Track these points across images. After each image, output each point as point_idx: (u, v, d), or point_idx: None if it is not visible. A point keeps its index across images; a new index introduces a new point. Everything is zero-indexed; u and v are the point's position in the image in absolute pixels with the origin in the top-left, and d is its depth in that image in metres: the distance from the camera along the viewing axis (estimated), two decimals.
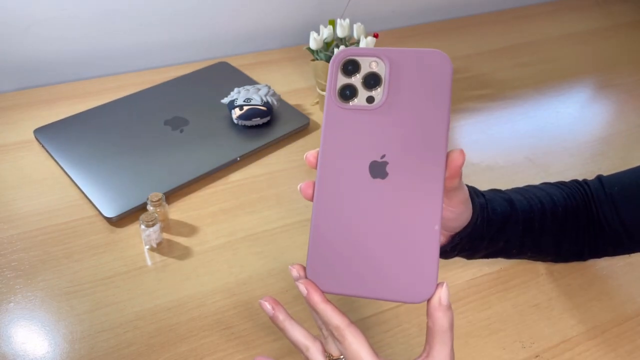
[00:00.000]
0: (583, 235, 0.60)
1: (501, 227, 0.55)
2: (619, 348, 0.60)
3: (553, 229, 0.59)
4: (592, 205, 0.60)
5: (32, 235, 0.69)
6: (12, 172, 0.78)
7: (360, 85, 0.40)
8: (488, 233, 0.53)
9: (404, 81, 0.39)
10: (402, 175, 0.38)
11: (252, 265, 0.67)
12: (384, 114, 0.39)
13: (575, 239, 0.61)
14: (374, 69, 0.40)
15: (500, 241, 0.56)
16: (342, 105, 0.40)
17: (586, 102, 1.02)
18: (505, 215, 0.55)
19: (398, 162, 0.38)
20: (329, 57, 0.86)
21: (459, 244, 0.51)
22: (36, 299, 0.62)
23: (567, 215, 0.59)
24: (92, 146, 0.81)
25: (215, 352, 0.58)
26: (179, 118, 0.87)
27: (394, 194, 0.38)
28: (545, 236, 0.59)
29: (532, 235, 0.58)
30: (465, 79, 1.06)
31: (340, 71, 0.40)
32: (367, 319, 0.62)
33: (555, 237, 0.60)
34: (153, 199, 0.68)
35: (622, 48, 1.20)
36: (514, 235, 0.56)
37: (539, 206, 0.58)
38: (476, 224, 0.51)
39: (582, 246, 0.62)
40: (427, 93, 0.38)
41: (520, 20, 1.29)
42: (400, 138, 0.38)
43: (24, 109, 0.90)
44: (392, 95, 0.39)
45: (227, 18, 1.07)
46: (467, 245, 0.52)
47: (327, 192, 0.39)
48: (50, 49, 0.96)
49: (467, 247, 0.53)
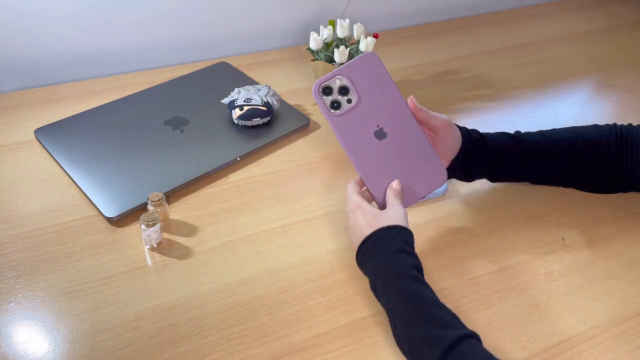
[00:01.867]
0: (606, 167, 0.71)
1: (498, 149, 0.70)
2: (619, 348, 0.60)
3: (572, 158, 0.71)
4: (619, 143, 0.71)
5: (32, 235, 0.69)
6: (12, 172, 0.78)
7: (338, 97, 0.62)
8: (482, 151, 0.69)
9: (361, 81, 0.62)
10: (394, 128, 0.63)
11: (252, 265, 0.67)
12: (362, 104, 0.62)
13: (596, 170, 0.72)
14: (340, 84, 0.62)
15: (498, 160, 0.71)
16: (337, 113, 0.62)
17: (586, 102, 1.02)
18: (502, 140, 0.70)
19: (387, 124, 0.63)
20: (329, 57, 0.86)
21: (457, 163, 0.68)
22: (36, 299, 0.62)
23: (590, 146, 0.71)
24: (93, 146, 0.81)
25: (215, 352, 0.58)
26: (179, 118, 0.87)
27: (395, 139, 0.63)
28: (561, 163, 0.72)
29: (545, 161, 0.72)
30: (465, 79, 1.06)
31: (322, 95, 0.62)
32: (367, 319, 0.62)
33: (573, 165, 0.72)
34: (153, 199, 0.68)
35: (622, 48, 1.20)
36: (518, 157, 0.71)
37: (556, 139, 0.71)
38: (467, 145, 0.67)
39: (601, 177, 0.73)
40: (377, 80, 0.62)
41: (520, 20, 1.29)
42: (379, 111, 0.62)
43: (24, 109, 0.90)
44: (359, 92, 0.62)
45: (227, 18, 1.07)
46: (465, 163, 0.69)
47: (361, 159, 0.63)
48: (50, 49, 0.96)
49: (466, 164, 0.69)
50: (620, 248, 0.72)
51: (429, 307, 0.54)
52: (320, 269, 0.67)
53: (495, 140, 0.71)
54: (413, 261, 0.57)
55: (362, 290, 0.65)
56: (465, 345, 0.50)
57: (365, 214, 0.60)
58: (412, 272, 0.56)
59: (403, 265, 0.56)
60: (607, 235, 0.73)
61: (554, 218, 0.75)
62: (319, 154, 0.84)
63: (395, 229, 0.58)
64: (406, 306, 0.54)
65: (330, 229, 0.72)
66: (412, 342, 0.53)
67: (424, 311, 0.53)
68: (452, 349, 0.49)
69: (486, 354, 0.50)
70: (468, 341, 0.51)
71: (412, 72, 1.06)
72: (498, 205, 0.77)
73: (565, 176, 0.75)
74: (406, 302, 0.54)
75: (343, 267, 0.68)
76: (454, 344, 0.50)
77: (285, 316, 0.62)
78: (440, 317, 0.53)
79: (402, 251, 0.57)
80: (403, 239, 0.58)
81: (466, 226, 0.73)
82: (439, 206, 0.76)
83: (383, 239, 0.58)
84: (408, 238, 0.59)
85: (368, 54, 0.62)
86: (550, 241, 0.72)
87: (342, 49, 0.83)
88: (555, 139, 0.72)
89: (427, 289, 0.56)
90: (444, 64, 1.10)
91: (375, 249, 0.58)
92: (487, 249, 0.71)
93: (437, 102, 0.98)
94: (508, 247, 0.71)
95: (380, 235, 0.58)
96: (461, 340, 0.50)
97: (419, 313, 0.53)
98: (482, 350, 0.51)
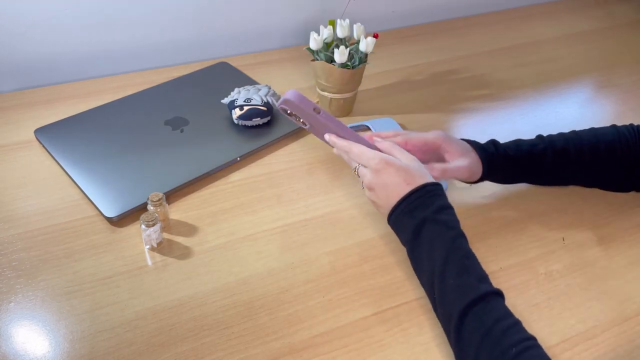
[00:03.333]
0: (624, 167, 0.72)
1: (522, 160, 0.71)
2: (619, 348, 0.60)
3: (592, 160, 0.72)
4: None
5: (32, 235, 0.69)
6: (12, 172, 0.78)
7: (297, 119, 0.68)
8: (506, 169, 0.71)
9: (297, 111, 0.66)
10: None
11: (252, 265, 0.67)
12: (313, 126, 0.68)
13: (616, 170, 0.73)
14: (289, 111, 0.66)
15: (522, 173, 0.73)
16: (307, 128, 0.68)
17: (586, 102, 1.02)
18: (523, 151, 0.72)
19: None
20: (329, 57, 0.86)
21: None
22: (37, 299, 0.62)
23: (610, 148, 0.71)
24: (93, 146, 0.81)
25: (215, 352, 0.58)
26: (179, 118, 0.87)
27: None
28: (583, 166, 0.72)
29: (567, 165, 0.72)
30: (465, 79, 1.06)
31: (286, 114, 0.67)
32: (367, 319, 0.62)
33: (594, 168, 0.72)
34: (153, 199, 0.68)
35: (622, 48, 1.20)
36: (541, 164, 0.72)
37: (576, 141, 0.72)
38: (489, 167, 0.70)
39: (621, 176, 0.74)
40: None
41: (520, 20, 1.29)
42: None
43: (24, 109, 0.90)
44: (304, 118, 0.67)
45: (227, 18, 1.07)
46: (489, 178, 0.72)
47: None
48: (50, 49, 0.96)
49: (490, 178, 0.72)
50: (620, 248, 0.72)
51: (470, 260, 0.58)
52: (320, 269, 0.67)
53: (514, 149, 0.72)
54: (456, 218, 0.62)
55: (363, 290, 0.65)
56: (493, 299, 0.55)
57: (399, 170, 0.62)
58: (458, 227, 0.61)
59: (452, 220, 0.61)
60: (607, 235, 0.73)
61: (554, 218, 0.75)
62: (319, 154, 0.84)
63: (438, 186, 0.62)
64: (450, 256, 0.58)
65: (330, 229, 0.72)
66: (446, 288, 0.56)
67: (465, 264, 0.57)
68: (481, 300, 0.54)
69: (507, 310, 0.55)
70: (495, 297, 0.56)
71: (412, 72, 1.06)
72: (498, 205, 0.77)
73: (587, 179, 0.76)
74: (451, 253, 0.58)
75: (343, 267, 0.68)
76: (485, 295, 0.54)
77: (285, 316, 0.62)
78: (477, 272, 0.57)
79: (448, 207, 0.62)
80: (445, 196, 0.63)
81: (466, 226, 0.73)
82: None
83: (432, 193, 0.61)
84: (446, 195, 0.64)
85: (288, 92, 0.65)
86: (550, 241, 0.72)
87: (342, 49, 0.83)
88: (575, 139, 0.72)
89: (468, 245, 0.60)
90: (444, 64, 1.10)
91: (424, 201, 0.61)
92: (487, 249, 0.71)
93: (437, 102, 0.98)
94: (508, 247, 0.71)
95: (428, 189, 0.62)
96: (489, 295, 0.55)
97: (461, 264, 0.57)
98: (505, 307, 0.56)
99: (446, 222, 0.60)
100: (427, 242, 0.59)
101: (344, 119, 0.92)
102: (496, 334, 0.52)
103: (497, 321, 0.53)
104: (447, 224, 0.60)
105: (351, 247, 0.70)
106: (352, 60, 0.86)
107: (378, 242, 0.71)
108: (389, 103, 0.97)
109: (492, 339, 0.52)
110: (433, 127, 0.91)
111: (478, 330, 0.53)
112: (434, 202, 0.61)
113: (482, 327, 0.52)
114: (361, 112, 0.94)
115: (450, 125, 0.93)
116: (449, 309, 0.56)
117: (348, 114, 0.94)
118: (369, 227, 0.73)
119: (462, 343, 0.54)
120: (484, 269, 0.58)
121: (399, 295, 0.64)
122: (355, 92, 0.92)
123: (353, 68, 0.85)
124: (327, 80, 0.87)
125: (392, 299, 0.64)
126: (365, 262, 0.68)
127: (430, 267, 0.58)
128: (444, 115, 0.95)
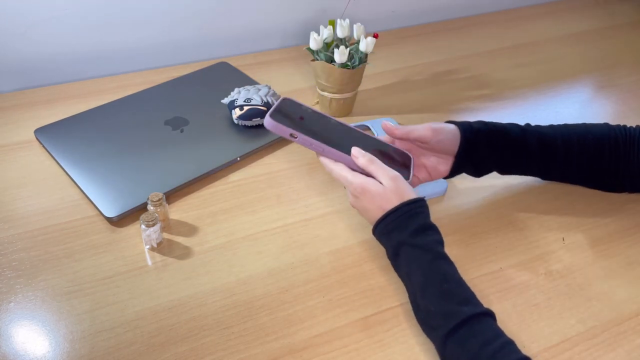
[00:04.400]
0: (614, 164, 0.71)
1: (506, 139, 0.69)
2: (619, 348, 0.60)
3: (580, 150, 0.71)
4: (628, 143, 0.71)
5: (32, 235, 0.69)
6: (12, 172, 0.78)
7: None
8: (485, 139, 0.68)
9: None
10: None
11: (252, 265, 0.67)
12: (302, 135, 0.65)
13: (605, 167, 0.72)
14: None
15: (503, 148, 0.70)
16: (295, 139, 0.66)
17: (586, 102, 1.02)
18: (508, 127, 0.70)
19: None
20: (329, 57, 0.86)
21: (462, 155, 0.68)
22: (36, 299, 0.62)
23: (598, 143, 0.70)
24: (93, 146, 0.81)
25: (215, 352, 0.58)
26: (179, 118, 0.87)
27: None
28: (570, 157, 0.71)
29: (552, 152, 0.71)
30: (465, 79, 1.06)
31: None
32: (367, 319, 0.62)
33: (583, 161, 0.71)
34: (153, 199, 0.68)
35: (622, 48, 1.20)
36: (526, 151, 0.70)
37: (564, 132, 0.71)
38: (466, 136, 0.67)
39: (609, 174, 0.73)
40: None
41: (520, 20, 1.29)
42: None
43: (24, 109, 0.90)
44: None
45: (227, 18, 1.07)
46: (469, 154, 0.69)
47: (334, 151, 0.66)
48: (50, 49, 0.96)
49: (470, 155, 0.69)
50: (620, 248, 0.72)
51: (449, 283, 0.56)
52: (320, 269, 0.67)
53: (500, 127, 0.70)
54: (437, 237, 0.60)
55: (362, 290, 0.65)
56: (478, 321, 0.53)
57: (375, 197, 0.61)
58: (437, 248, 0.58)
59: (429, 242, 0.58)
60: (607, 235, 0.73)
61: (554, 218, 0.75)
62: None
63: (418, 203, 0.60)
64: (427, 281, 0.56)
65: (330, 229, 0.72)
66: (429, 314, 0.55)
67: (444, 287, 0.55)
68: (464, 324, 0.52)
69: (496, 332, 0.52)
70: (481, 319, 0.53)
71: (412, 72, 1.06)
72: (498, 205, 0.77)
73: (573, 171, 0.74)
74: (428, 277, 0.56)
75: (343, 267, 0.68)
76: (468, 319, 0.52)
77: (285, 316, 0.62)
78: (459, 294, 0.55)
79: (428, 227, 0.59)
80: (426, 213, 0.61)
81: (466, 226, 0.73)
82: (439, 206, 0.76)
83: (408, 214, 0.59)
84: (428, 211, 0.61)
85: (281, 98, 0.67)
86: (550, 241, 0.72)
87: (342, 49, 0.83)
88: (564, 132, 0.72)
89: (450, 266, 0.58)
90: (444, 64, 1.10)
91: (399, 224, 0.59)
92: (487, 249, 0.71)
93: (437, 102, 0.98)
94: (508, 247, 0.71)
95: (404, 210, 0.59)
96: (475, 317, 0.53)
97: (439, 289, 0.55)
98: (493, 328, 0.53)
99: (422, 245, 0.58)
100: (405, 265, 0.59)
101: (344, 119, 0.92)
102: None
103: (483, 346, 0.51)
104: (423, 247, 0.58)
105: (351, 247, 0.70)
106: (352, 60, 0.86)
107: (378, 242, 0.71)
108: (389, 103, 0.97)
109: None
110: None
111: (463, 356, 0.51)
112: (410, 224, 0.59)
113: (467, 354, 0.51)
114: (361, 112, 0.94)
115: None
116: (433, 334, 0.55)
117: (348, 114, 0.94)
118: (369, 227, 0.73)
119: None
120: (468, 288, 0.56)
121: (399, 295, 0.64)
122: (355, 92, 0.92)
123: (353, 68, 0.85)
124: (327, 80, 0.87)
125: (392, 299, 0.64)
126: (365, 262, 0.68)
127: (412, 290, 0.58)
128: (444, 115, 0.95)
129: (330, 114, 0.92)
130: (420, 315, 0.57)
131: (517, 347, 0.51)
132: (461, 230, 0.73)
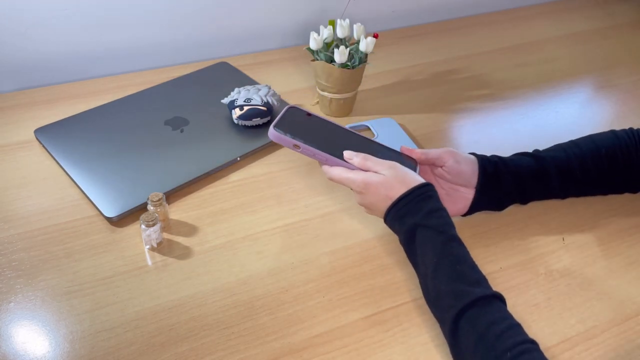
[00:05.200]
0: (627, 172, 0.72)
1: (521, 175, 0.69)
2: (619, 348, 0.60)
3: (596, 170, 0.71)
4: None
5: (32, 235, 0.69)
6: (12, 172, 0.78)
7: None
8: (505, 174, 0.69)
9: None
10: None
11: (252, 265, 0.67)
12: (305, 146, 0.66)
13: (620, 176, 0.72)
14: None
15: (524, 182, 0.70)
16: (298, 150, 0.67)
17: (586, 102, 1.02)
18: (523, 160, 0.70)
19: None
20: (329, 57, 0.86)
21: (483, 189, 0.68)
22: (36, 299, 0.62)
23: (612, 155, 0.70)
24: (93, 146, 0.81)
25: (215, 352, 0.58)
26: (179, 118, 0.87)
27: None
28: (589, 177, 0.71)
29: (574, 178, 0.71)
30: (465, 79, 1.06)
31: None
32: (368, 319, 0.62)
33: (600, 177, 0.72)
34: (153, 199, 0.68)
35: (622, 48, 1.20)
36: (548, 180, 0.70)
37: (577, 154, 0.71)
38: (485, 167, 0.68)
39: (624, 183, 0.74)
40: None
41: (520, 20, 1.29)
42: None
43: (24, 109, 0.90)
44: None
45: (227, 18, 1.07)
46: (490, 188, 0.69)
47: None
48: (50, 49, 0.96)
49: (491, 190, 0.69)
50: (620, 248, 0.72)
51: (462, 265, 0.57)
52: (320, 269, 0.67)
53: (516, 161, 0.71)
54: (449, 219, 0.60)
55: (362, 290, 0.65)
56: (488, 302, 0.54)
57: (379, 187, 0.62)
58: (450, 231, 0.59)
59: (442, 223, 0.59)
60: (607, 235, 0.73)
61: (554, 218, 0.75)
62: None
63: (428, 187, 0.61)
64: (440, 262, 0.57)
65: (330, 229, 0.72)
66: (439, 294, 0.56)
67: (456, 269, 0.56)
68: (474, 305, 0.53)
69: (504, 314, 0.54)
70: (491, 300, 0.54)
71: (412, 72, 1.06)
72: None
73: (590, 188, 0.75)
74: (441, 257, 0.57)
75: (343, 267, 0.68)
76: (477, 300, 0.53)
77: (285, 316, 0.62)
78: (470, 276, 0.56)
79: (440, 209, 0.60)
80: (437, 196, 0.62)
81: (466, 226, 0.73)
82: None
83: (420, 197, 0.60)
84: (437, 195, 0.62)
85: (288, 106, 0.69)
86: (550, 241, 0.72)
87: (342, 49, 0.83)
88: (577, 153, 0.71)
89: (463, 249, 0.59)
90: (444, 64, 1.10)
91: (412, 207, 0.60)
92: (487, 249, 0.71)
93: (437, 102, 0.98)
94: (508, 247, 0.71)
95: (416, 193, 0.60)
96: (485, 298, 0.54)
97: (452, 270, 0.56)
98: (502, 310, 0.54)
99: (437, 226, 0.59)
100: (419, 247, 0.59)
101: (344, 119, 0.92)
102: (490, 339, 0.51)
103: (490, 325, 0.52)
104: (437, 229, 0.59)
105: (351, 247, 0.70)
106: (352, 60, 0.86)
107: (378, 242, 0.71)
108: (389, 103, 0.97)
109: (486, 344, 0.51)
110: (433, 127, 0.92)
111: (472, 335, 0.52)
112: (424, 207, 0.60)
113: (476, 332, 0.52)
114: (361, 112, 0.94)
115: (450, 125, 0.93)
116: (443, 314, 0.56)
117: (348, 114, 0.94)
118: (369, 227, 0.73)
119: (457, 349, 0.54)
120: (480, 272, 0.57)
121: (399, 295, 0.64)
122: (355, 92, 0.92)
123: (353, 68, 0.85)
124: (327, 80, 0.87)
125: (392, 299, 0.64)
126: (365, 262, 0.68)
127: (423, 271, 0.59)
128: (444, 115, 0.95)
129: (330, 114, 0.93)
130: (429, 297, 0.58)
131: (523, 330, 0.53)
132: (461, 231, 0.72)
